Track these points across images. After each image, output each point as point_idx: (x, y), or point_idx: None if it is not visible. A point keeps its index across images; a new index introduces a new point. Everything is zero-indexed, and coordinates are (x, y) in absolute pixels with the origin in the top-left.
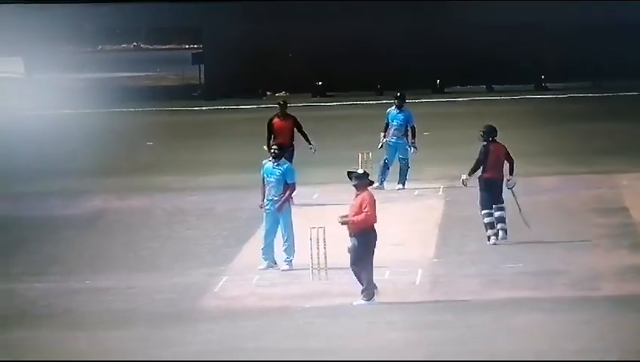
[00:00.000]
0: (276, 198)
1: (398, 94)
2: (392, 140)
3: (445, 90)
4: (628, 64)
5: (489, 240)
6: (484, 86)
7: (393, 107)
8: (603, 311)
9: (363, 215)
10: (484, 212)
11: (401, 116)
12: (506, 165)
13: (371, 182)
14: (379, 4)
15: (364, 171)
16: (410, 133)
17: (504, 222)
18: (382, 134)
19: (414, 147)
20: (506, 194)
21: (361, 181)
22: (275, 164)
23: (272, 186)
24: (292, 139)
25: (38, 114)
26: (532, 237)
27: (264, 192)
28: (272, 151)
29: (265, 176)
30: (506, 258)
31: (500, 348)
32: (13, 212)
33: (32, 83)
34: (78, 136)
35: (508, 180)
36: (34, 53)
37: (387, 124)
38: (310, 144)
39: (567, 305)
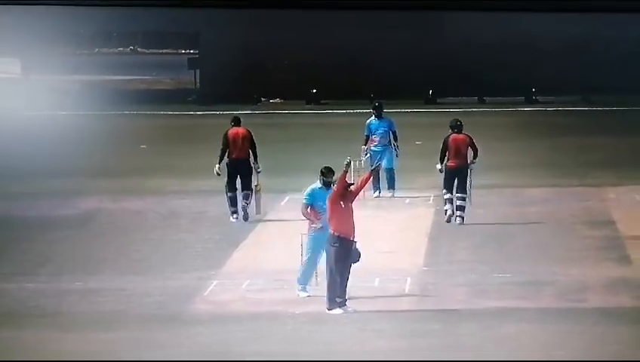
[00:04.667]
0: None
1: (377, 104)
2: (378, 148)
3: (437, 101)
4: (617, 79)
5: (445, 213)
6: (476, 97)
7: (373, 117)
8: (590, 323)
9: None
10: (444, 191)
11: (383, 124)
12: (470, 153)
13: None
14: (374, 14)
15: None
16: (392, 138)
17: (463, 211)
18: (363, 147)
19: (397, 149)
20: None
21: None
22: (327, 189)
23: (324, 213)
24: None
25: (34, 114)
26: (521, 247)
27: (313, 219)
28: (326, 178)
29: (317, 204)
30: (494, 268)
31: (488, 357)
32: (6, 211)
33: (29, 84)
34: (72, 137)
35: (471, 162)
36: (31, 54)
37: (367, 136)
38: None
39: (555, 315)
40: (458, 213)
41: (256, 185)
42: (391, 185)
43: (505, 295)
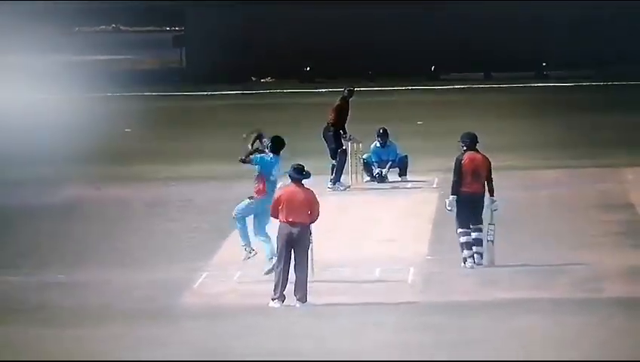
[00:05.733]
0: None
1: (382, 130)
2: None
3: (441, 77)
4: (633, 51)
5: (464, 262)
6: (482, 73)
7: (377, 143)
8: (606, 314)
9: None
10: (460, 230)
11: (389, 152)
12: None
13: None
14: None
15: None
16: (399, 164)
17: (480, 245)
18: (374, 169)
19: (387, 171)
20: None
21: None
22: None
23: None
24: None
25: (11, 98)
26: (532, 234)
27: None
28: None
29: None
30: (503, 256)
31: (497, 352)
32: None
33: (5, 65)
34: (52, 122)
35: (492, 201)
36: (6, 33)
37: (369, 162)
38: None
39: (569, 306)
40: (475, 248)
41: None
42: (403, 173)
43: (515, 285)
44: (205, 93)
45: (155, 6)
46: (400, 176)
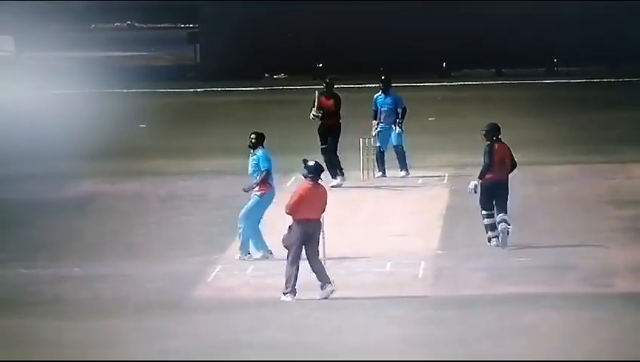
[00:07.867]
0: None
1: (383, 77)
2: (384, 127)
3: (452, 74)
4: None
5: (490, 242)
6: (493, 70)
7: (379, 92)
8: (617, 310)
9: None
10: (484, 212)
11: (388, 100)
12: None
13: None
14: None
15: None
16: (400, 115)
17: (508, 224)
18: (373, 122)
19: (400, 127)
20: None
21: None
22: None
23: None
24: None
25: (29, 94)
26: (543, 229)
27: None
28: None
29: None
30: (514, 251)
31: (507, 347)
32: (1, 195)
33: (23, 62)
34: (68, 117)
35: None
36: (25, 31)
37: (376, 111)
38: None
39: (579, 301)
40: (503, 225)
41: None
42: (402, 165)
43: (525, 280)
44: (219, 89)
45: (169, 3)
46: (401, 170)
